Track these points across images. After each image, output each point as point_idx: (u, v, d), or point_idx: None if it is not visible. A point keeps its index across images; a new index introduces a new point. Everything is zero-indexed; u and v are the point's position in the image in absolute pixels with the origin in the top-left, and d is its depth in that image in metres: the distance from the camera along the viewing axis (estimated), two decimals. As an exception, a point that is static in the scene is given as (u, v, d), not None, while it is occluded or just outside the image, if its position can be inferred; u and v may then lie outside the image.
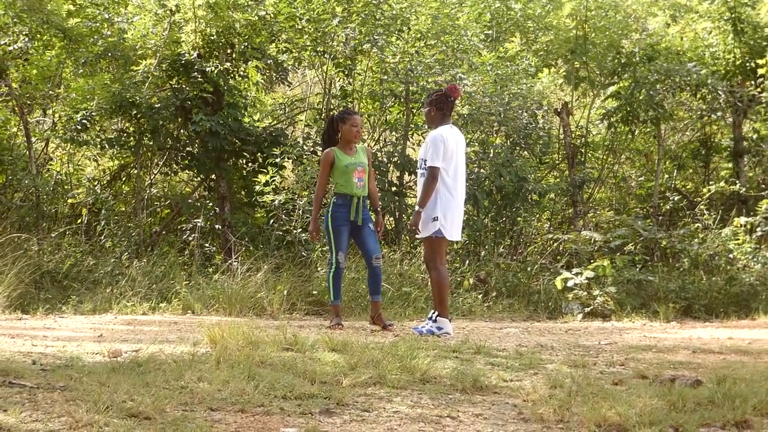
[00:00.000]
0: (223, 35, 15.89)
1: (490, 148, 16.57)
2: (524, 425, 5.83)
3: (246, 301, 12.70)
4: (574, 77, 18.29)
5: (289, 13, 16.10)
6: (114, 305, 12.70)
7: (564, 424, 5.80)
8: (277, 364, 6.98)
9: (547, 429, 5.75)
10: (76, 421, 5.08)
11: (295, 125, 18.58)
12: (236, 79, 16.28)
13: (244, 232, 15.14)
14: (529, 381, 7.02)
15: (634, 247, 15.55)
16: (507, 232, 16.33)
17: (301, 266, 14.14)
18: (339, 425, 5.60)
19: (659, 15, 18.34)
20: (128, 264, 14.19)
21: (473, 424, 5.82)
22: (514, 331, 11.50)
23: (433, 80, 15.87)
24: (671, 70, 16.89)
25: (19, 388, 5.94)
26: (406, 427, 5.66)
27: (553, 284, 14.34)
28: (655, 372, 7.46)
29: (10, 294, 12.29)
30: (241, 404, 5.77)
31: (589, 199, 18.34)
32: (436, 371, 7.04)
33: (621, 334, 11.31)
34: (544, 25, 18.24)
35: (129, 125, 16.33)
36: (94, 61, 15.72)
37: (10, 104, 16.83)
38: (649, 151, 19.21)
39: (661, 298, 14.10)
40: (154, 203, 17.01)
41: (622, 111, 17.52)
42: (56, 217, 15.94)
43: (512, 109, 16.33)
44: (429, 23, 16.22)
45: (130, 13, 16.06)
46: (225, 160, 15.96)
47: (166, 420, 5.29)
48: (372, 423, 5.67)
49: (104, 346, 7.93)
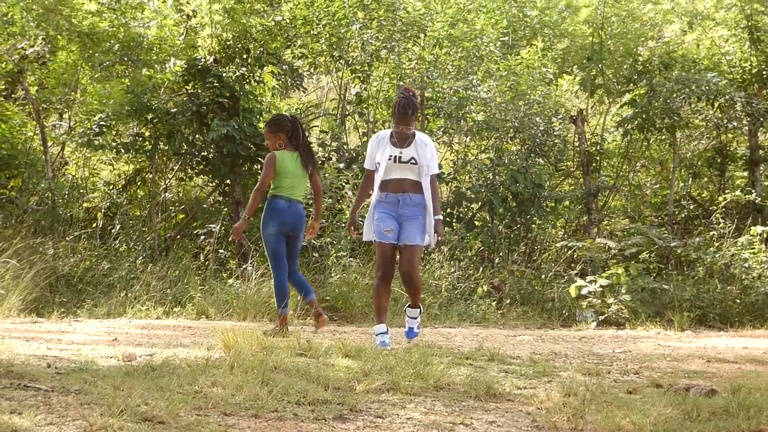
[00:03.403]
0: (240, 40, 15.92)
1: (505, 155, 16.57)
2: (538, 433, 5.82)
3: (260, 306, 12.72)
4: (590, 84, 18.27)
5: (306, 17, 16.11)
6: (128, 309, 12.74)
7: (578, 432, 5.80)
8: (291, 370, 6.97)
9: (560, 437, 5.74)
10: (90, 424, 5.08)
11: (310, 131, 18.60)
12: (252, 84, 16.31)
13: (258, 237, 15.16)
14: (543, 389, 7.00)
15: (648, 256, 15.51)
16: (521, 240, 16.30)
17: (315, 272, 14.15)
18: (352, 431, 5.60)
19: (676, 22, 18.29)
20: (143, 268, 14.22)
21: (486, 431, 5.81)
22: (527, 338, 11.49)
23: (448, 86, 15.86)
24: (687, 78, 16.83)
25: (34, 392, 5.94)
26: (419, 433, 5.65)
27: (567, 292, 14.33)
28: (670, 381, 7.44)
29: (26, 297, 12.32)
30: (255, 409, 5.76)
31: (604, 206, 18.31)
32: (450, 378, 7.02)
33: (635, 342, 11.28)
34: (561, 32, 18.21)
35: (145, 130, 16.36)
36: (111, 65, 15.75)
37: (27, 108, 16.88)
38: (665, 160, 19.16)
39: (676, 307, 14.08)
40: (169, 208, 17.05)
41: (638, 119, 17.46)
42: (71, 221, 15.97)
43: (528, 116, 16.31)
44: (445, 30, 16.21)
45: (146, 18, 16.09)
46: (240, 166, 15.98)
47: (180, 424, 5.29)
48: (385, 429, 5.66)
49: (119, 350, 7.93)
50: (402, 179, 9.07)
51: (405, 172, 9.05)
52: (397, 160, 9.02)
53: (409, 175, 9.05)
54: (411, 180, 9.05)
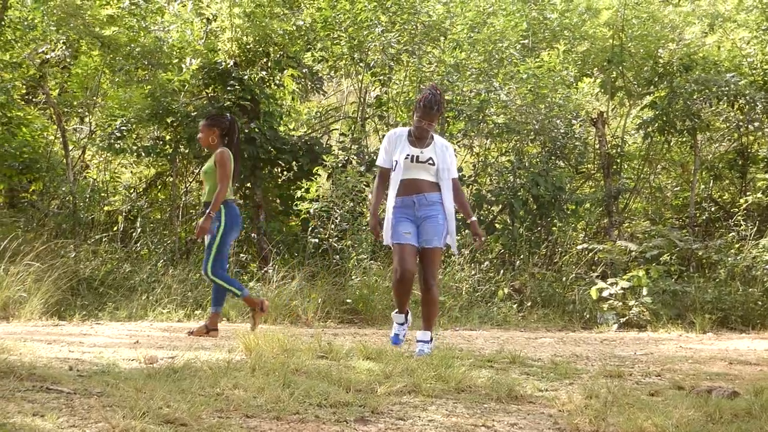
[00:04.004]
0: (260, 44, 15.95)
1: (525, 158, 16.55)
2: (560, 435, 5.81)
3: (281, 308, 12.73)
4: (611, 87, 18.22)
5: (327, 19, 16.10)
6: (150, 312, 12.77)
7: (600, 435, 5.78)
8: (312, 372, 6.98)
9: (582, 439, 5.73)
10: (112, 427, 5.10)
11: (330, 134, 18.62)
12: (272, 87, 16.33)
13: (279, 240, 15.17)
14: (565, 391, 6.99)
15: (669, 258, 15.48)
16: (542, 242, 16.28)
17: (336, 274, 14.16)
18: (374, 433, 5.60)
19: (696, 24, 18.22)
20: (164, 271, 14.25)
21: (508, 433, 5.80)
22: (549, 341, 11.47)
23: (468, 89, 15.84)
24: (708, 80, 16.77)
25: (56, 394, 5.96)
26: (440, 436, 5.65)
27: (588, 294, 14.30)
28: (692, 383, 7.41)
29: (48, 300, 12.36)
30: (277, 411, 5.77)
31: (625, 209, 18.27)
32: (471, 380, 7.02)
33: (657, 344, 11.26)
34: (581, 35, 18.17)
35: (165, 133, 16.41)
36: (132, 69, 15.79)
37: (48, 112, 16.95)
38: (686, 162, 19.10)
39: (697, 309, 14.04)
40: (190, 211, 17.07)
41: (659, 121, 17.41)
42: (93, 225, 16.02)
43: (549, 118, 16.28)
44: (465, 33, 16.19)
45: (166, 22, 16.14)
46: (260, 169, 16.00)
47: (202, 426, 5.30)
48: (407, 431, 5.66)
49: (140, 352, 7.95)
50: (418, 180, 8.77)
51: (421, 172, 8.76)
52: (415, 159, 8.74)
53: (425, 175, 8.76)
54: (427, 181, 8.77)
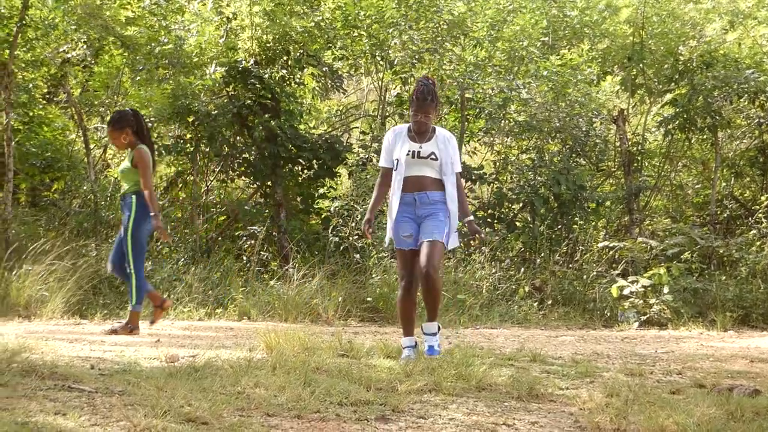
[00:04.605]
0: (280, 42, 15.97)
1: (546, 156, 16.53)
2: (581, 433, 5.81)
3: (301, 307, 12.76)
4: (631, 84, 18.18)
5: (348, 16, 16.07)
6: (171, 311, 12.79)
7: (621, 433, 5.78)
8: (333, 371, 6.99)
9: (603, 437, 5.72)
10: (134, 425, 5.12)
11: (350, 132, 18.63)
12: (292, 86, 16.35)
13: (299, 238, 15.19)
14: (586, 389, 6.98)
15: (690, 255, 15.43)
16: (563, 240, 16.24)
17: (356, 273, 14.17)
18: (395, 432, 5.61)
19: (717, 21, 18.14)
20: (185, 270, 14.27)
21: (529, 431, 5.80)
22: (569, 339, 11.46)
23: (489, 87, 15.82)
24: (729, 77, 16.72)
25: (78, 393, 5.99)
26: (461, 434, 5.66)
27: (609, 292, 14.27)
28: (713, 381, 7.40)
29: (69, 299, 12.40)
30: (298, 410, 5.78)
31: (646, 206, 18.23)
32: (492, 379, 7.02)
33: (678, 342, 11.24)
34: (601, 32, 18.12)
35: (186, 132, 16.45)
36: (152, 69, 15.82)
37: (69, 111, 17.01)
38: (706, 159, 19.05)
39: (719, 307, 13.98)
40: (211, 210, 17.11)
41: (679, 118, 17.36)
42: (114, 224, 16.05)
43: (570, 116, 16.25)
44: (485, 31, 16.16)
45: (187, 21, 16.17)
46: (281, 167, 16.03)
47: (223, 425, 5.32)
48: (428, 430, 5.67)
49: (161, 351, 7.98)
50: (420, 176, 8.26)
51: (423, 168, 8.25)
52: (416, 155, 8.23)
53: (428, 172, 8.25)
54: (430, 177, 8.25)
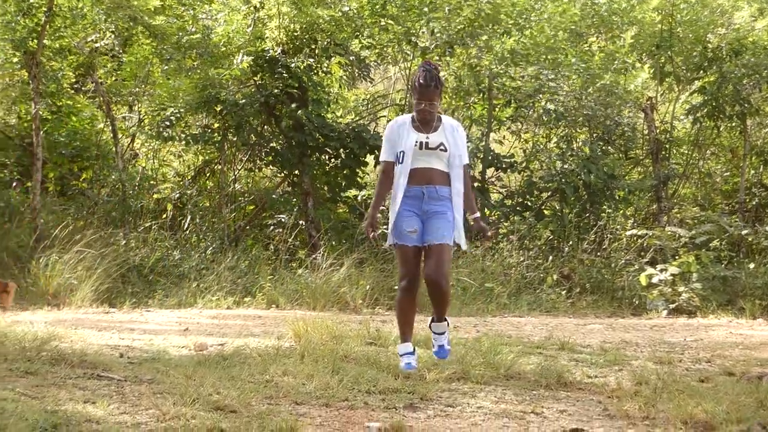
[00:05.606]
0: (307, 31, 15.97)
1: (574, 144, 16.49)
2: (609, 421, 5.80)
3: (329, 295, 12.76)
4: (660, 72, 18.08)
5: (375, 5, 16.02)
6: (199, 299, 12.84)
7: (650, 421, 5.76)
8: (361, 359, 7.01)
9: (632, 425, 5.71)
10: (163, 413, 5.14)
11: (377, 121, 18.60)
12: (319, 75, 16.36)
13: (327, 227, 15.19)
14: (614, 377, 6.98)
15: (719, 243, 15.36)
16: (591, 228, 16.19)
17: (384, 261, 14.17)
18: (423, 420, 5.61)
19: (745, 9, 18.02)
20: (213, 258, 14.31)
21: (558, 420, 5.79)
22: (598, 327, 11.43)
23: (518, 76, 15.78)
24: (758, 64, 16.61)
25: (107, 381, 6.03)
26: (490, 422, 5.65)
27: (638, 280, 14.22)
28: (742, 369, 7.38)
29: (98, 288, 12.46)
30: (326, 398, 5.80)
31: (674, 194, 18.15)
32: (520, 367, 7.02)
33: (707, 330, 11.19)
34: (630, 20, 18.03)
35: (214, 121, 16.48)
36: (181, 58, 15.84)
37: (97, 100, 17.07)
38: (735, 147, 18.94)
39: (748, 295, 13.91)
40: (238, 198, 17.14)
41: (708, 106, 17.27)
42: (142, 212, 16.10)
43: (601, 105, 16.19)
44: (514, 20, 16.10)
45: (214, 10, 16.18)
46: (308, 156, 16.03)
47: (252, 413, 5.34)
48: (456, 418, 5.67)
49: (190, 339, 8.02)
50: (429, 169, 7.39)
51: (432, 160, 7.40)
52: (424, 146, 7.36)
53: (437, 164, 7.41)
54: (438, 170, 7.40)
